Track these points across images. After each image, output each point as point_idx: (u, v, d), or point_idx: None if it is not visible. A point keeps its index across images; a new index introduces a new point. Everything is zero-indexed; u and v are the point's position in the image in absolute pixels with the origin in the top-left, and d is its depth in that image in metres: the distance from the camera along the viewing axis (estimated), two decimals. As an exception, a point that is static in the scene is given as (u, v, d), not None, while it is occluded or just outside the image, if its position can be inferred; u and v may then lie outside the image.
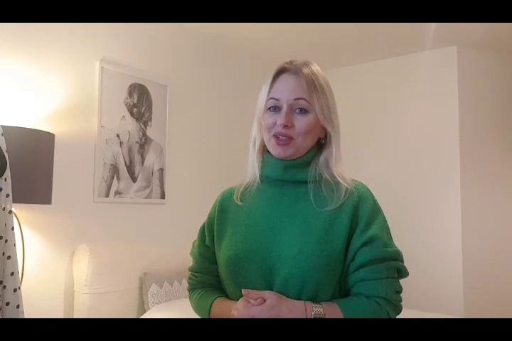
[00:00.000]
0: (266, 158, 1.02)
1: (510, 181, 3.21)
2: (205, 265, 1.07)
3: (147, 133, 2.63)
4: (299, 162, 0.99)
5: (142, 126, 2.61)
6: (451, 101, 3.13)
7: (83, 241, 2.19)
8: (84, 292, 2.09)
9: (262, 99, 1.00)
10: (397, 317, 0.93)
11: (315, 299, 0.89)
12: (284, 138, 0.96)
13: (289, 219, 0.96)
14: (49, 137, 1.88)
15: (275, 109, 0.98)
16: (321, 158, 0.99)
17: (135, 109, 2.57)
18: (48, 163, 1.86)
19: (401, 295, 0.95)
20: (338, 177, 0.98)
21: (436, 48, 3.17)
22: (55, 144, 1.95)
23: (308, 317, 0.86)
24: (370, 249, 0.91)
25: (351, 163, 3.44)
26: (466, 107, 3.13)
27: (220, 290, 1.04)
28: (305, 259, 0.89)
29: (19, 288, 1.45)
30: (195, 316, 1.06)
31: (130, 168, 2.52)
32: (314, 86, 0.96)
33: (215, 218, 1.06)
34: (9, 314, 1.40)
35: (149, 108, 2.66)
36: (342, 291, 0.94)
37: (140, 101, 2.61)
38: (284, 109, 0.96)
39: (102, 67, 2.39)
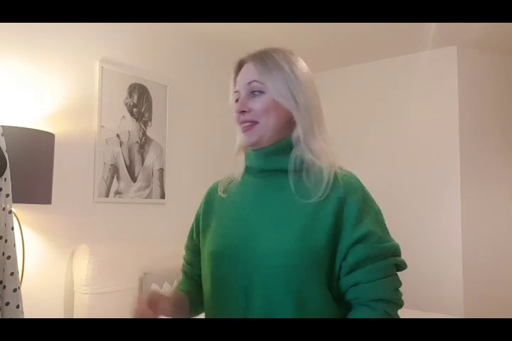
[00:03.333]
0: (248, 151, 1.01)
1: (511, 181, 3.21)
2: (190, 257, 1.09)
3: (147, 133, 2.63)
4: (272, 149, 0.94)
5: (142, 126, 2.61)
6: (451, 101, 3.13)
7: (83, 241, 2.19)
8: (84, 292, 2.09)
9: (230, 97, 1.01)
10: (397, 317, 0.91)
11: (301, 298, 0.85)
12: (248, 124, 0.93)
13: (270, 212, 0.91)
14: (49, 137, 1.88)
15: (238, 101, 0.97)
16: (293, 142, 0.93)
17: (135, 109, 2.57)
18: (48, 163, 1.86)
19: (401, 291, 0.89)
20: (315, 158, 0.90)
21: (437, 48, 3.17)
22: (55, 144, 1.94)
23: None
24: (365, 246, 0.85)
25: (351, 162, 3.46)
26: (466, 107, 3.13)
27: (192, 282, 1.07)
28: (285, 256, 0.85)
29: (19, 288, 1.45)
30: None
31: (130, 168, 2.52)
32: (267, 66, 0.93)
33: (201, 211, 1.05)
34: (9, 314, 1.40)
35: (149, 108, 2.66)
36: (333, 290, 0.88)
37: (140, 101, 2.61)
38: (241, 96, 0.95)
39: (102, 67, 2.39)
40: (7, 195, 1.45)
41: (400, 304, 0.89)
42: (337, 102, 3.58)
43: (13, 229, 1.46)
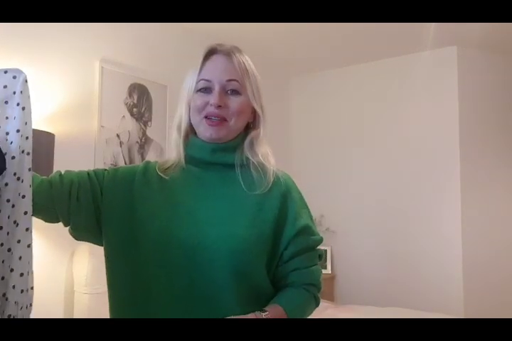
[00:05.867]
0: (192, 140, 0.99)
1: (510, 182, 3.21)
2: (82, 176, 0.96)
3: (147, 133, 2.63)
4: (228, 145, 0.97)
5: (142, 126, 2.61)
6: (451, 102, 3.13)
7: (83, 242, 2.18)
8: (84, 292, 2.09)
9: (190, 81, 0.98)
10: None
11: (244, 278, 0.90)
12: (217, 119, 0.94)
13: (216, 201, 0.95)
14: (49, 137, 1.88)
15: (206, 90, 0.95)
16: (247, 140, 0.99)
17: (135, 109, 2.57)
18: (48, 163, 1.86)
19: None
20: (262, 159, 0.98)
21: (436, 48, 3.17)
22: (55, 144, 1.94)
23: None
24: (304, 238, 0.96)
25: (350, 162, 3.46)
26: (466, 107, 3.13)
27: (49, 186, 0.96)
28: (235, 242, 0.89)
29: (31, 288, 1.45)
30: None
31: (130, 168, 2.52)
32: (245, 68, 0.97)
33: (135, 179, 0.97)
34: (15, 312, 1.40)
35: (149, 108, 2.66)
36: (269, 275, 0.95)
37: (140, 101, 2.61)
38: (217, 89, 0.94)
39: (102, 67, 2.39)
40: (7, 195, 1.45)
41: (320, 288, 1.01)
42: (337, 102, 3.58)
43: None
